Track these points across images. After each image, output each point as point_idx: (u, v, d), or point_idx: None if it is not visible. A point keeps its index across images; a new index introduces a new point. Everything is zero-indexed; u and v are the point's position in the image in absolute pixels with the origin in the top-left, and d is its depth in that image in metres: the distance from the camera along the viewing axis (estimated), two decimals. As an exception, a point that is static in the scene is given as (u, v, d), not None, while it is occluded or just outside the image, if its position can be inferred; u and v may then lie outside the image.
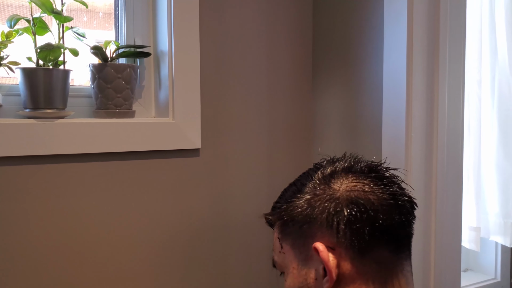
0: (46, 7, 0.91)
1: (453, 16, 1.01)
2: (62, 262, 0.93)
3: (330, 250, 0.63)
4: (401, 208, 0.65)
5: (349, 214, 0.62)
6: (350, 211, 0.62)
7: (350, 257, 0.62)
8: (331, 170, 0.68)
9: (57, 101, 0.92)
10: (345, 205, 0.63)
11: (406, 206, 0.66)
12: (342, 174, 0.67)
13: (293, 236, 0.68)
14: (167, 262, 1.05)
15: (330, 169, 0.68)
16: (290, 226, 0.68)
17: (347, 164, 0.69)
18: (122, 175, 0.98)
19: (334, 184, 0.66)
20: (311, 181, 0.68)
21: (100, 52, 0.99)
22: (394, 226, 0.63)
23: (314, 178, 0.68)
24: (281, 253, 0.70)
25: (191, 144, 1.04)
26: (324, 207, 0.64)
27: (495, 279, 1.56)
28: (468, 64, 1.36)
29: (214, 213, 1.10)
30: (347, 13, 1.13)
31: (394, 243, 0.64)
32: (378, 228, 0.62)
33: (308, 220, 0.65)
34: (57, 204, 0.92)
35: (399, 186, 0.68)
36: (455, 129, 1.03)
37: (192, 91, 1.04)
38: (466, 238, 1.40)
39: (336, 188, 0.65)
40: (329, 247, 0.63)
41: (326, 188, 0.66)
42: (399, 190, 0.66)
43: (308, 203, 0.66)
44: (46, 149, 0.89)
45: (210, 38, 1.07)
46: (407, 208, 0.66)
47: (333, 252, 0.63)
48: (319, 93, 1.21)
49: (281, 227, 0.70)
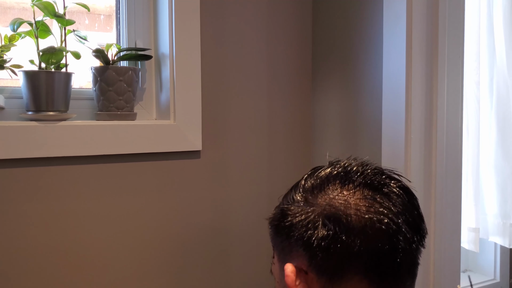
0: (48, 11, 0.91)
1: (452, 19, 1.01)
2: (66, 265, 0.94)
3: (302, 273, 0.55)
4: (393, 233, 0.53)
5: (323, 233, 0.53)
6: (325, 230, 0.53)
7: (321, 285, 0.53)
8: (323, 178, 0.59)
9: (59, 103, 0.93)
10: (322, 223, 0.54)
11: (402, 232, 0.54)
12: (334, 184, 0.57)
13: (279, 248, 0.61)
14: (168, 264, 1.05)
15: (323, 176, 0.59)
16: (276, 236, 0.61)
17: (342, 171, 0.59)
18: (124, 177, 0.99)
19: (320, 196, 0.57)
20: (299, 189, 0.60)
21: (102, 55, 1.00)
22: (377, 254, 0.53)
23: (302, 186, 0.60)
24: (273, 263, 0.64)
25: (192, 146, 1.05)
26: (302, 223, 0.56)
27: (494, 279, 1.57)
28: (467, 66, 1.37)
29: (214, 214, 1.10)
30: (347, 16, 1.14)
31: (377, 275, 0.53)
32: (355, 254, 0.52)
33: (288, 235, 0.57)
34: (59, 206, 0.93)
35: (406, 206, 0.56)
36: (454, 130, 1.04)
37: (193, 94, 1.04)
38: (465, 239, 1.40)
39: (320, 201, 0.56)
40: (302, 269, 0.55)
41: (310, 199, 0.57)
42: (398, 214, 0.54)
43: (291, 215, 0.58)
44: (48, 151, 0.90)
45: (210, 40, 1.08)
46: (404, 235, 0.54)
47: (305, 276, 0.55)
48: (319, 95, 1.22)
49: (271, 234, 0.63)
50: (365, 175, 0.57)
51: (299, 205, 0.58)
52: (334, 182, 0.57)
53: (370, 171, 0.58)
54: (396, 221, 0.54)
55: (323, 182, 0.58)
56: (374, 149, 1.06)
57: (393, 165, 1.01)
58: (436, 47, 1.00)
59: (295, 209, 0.58)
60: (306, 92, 1.23)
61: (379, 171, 0.58)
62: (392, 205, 0.55)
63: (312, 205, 0.56)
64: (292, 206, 0.59)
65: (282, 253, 0.59)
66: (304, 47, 1.22)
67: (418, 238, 0.56)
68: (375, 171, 0.58)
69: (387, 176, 0.58)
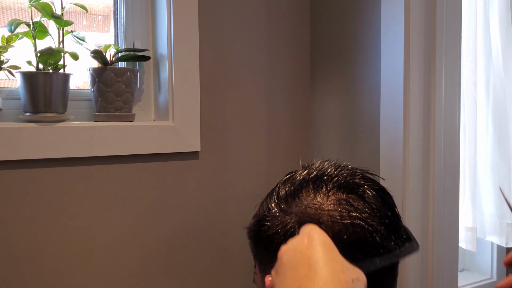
0: (46, 11, 0.91)
1: (449, 20, 1.02)
2: (65, 266, 0.93)
3: None
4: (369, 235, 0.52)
5: None
6: None
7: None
8: (297, 184, 0.57)
9: (57, 104, 0.93)
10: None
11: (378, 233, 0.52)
12: (307, 189, 0.56)
13: (259, 259, 0.59)
14: (165, 265, 1.05)
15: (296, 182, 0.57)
16: (256, 247, 0.59)
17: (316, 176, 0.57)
18: (122, 178, 0.99)
19: (294, 203, 0.55)
20: (273, 198, 0.58)
21: (100, 56, 0.99)
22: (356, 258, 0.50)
23: (276, 193, 0.58)
24: (255, 273, 0.62)
25: (190, 147, 1.05)
26: (279, 233, 0.54)
27: (491, 278, 1.58)
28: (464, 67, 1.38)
29: (213, 215, 1.10)
30: (345, 17, 1.14)
31: None
32: None
33: (267, 246, 0.56)
34: (57, 208, 0.92)
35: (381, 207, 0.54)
36: (452, 131, 1.04)
37: (192, 94, 1.04)
38: (463, 238, 1.41)
39: (295, 209, 0.55)
40: None
41: (285, 208, 0.56)
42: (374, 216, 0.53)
43: (268, 226, 0.56)
44: (46, 152, 0.89)
45: (209, 41, 1.08)
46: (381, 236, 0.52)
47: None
48: (317, 96, 1.22)
49: (251, 245, 0.61)
50: (339, 178, 0.56)
51: (275, 215, 0.56)
52: (307, 188, 0.56)
53: (344, 173, 0.56)
54: (371, 222, 0.53)
55: (297, 189, 0.57)
56: (372, 149, 1.07)
57: (391, 165, 1.01)
58: (434, 48, 1.00)
59: (271, 219, 0.56)
60: (305, 94, 1.23)
61: (353, 173, 0.57)
62: (367, 206, 0.53)
63: (287, 214, 0.55)
64: (268, 216, 0.57)
65: (263, 263, 0.58)
66: (303, 48, 1.22)
67: (396, 237, 0.54)
68: (349, 173, 0.57)
69: (362, 176, 0.57)
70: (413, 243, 0.55)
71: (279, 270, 0.46)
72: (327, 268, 0.43)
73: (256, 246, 0.59)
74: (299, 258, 0.45)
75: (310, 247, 0.45)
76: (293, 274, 0.44)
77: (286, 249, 0.47)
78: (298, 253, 0.45)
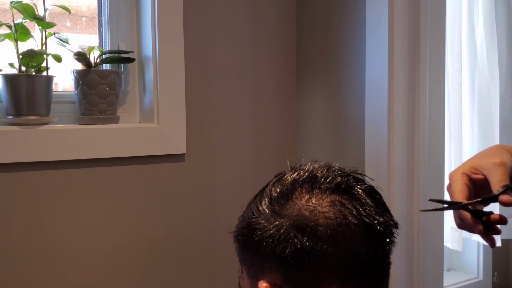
0: (28, 13, 0.90)
1: (433, 22, 1.03)
2: (47, 268, 0.92)
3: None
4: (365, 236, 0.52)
5: (296, 246, 0.51)
6: (298, 243, 0.51)
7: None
8: (289, 186, 0.56)
9: (40, 107, 0.92)
10: (293, 235, 0.51)
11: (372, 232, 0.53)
12: (300, 191, 0.55)
13: (248, 264, 0.58)
14: (151, 269, 1.04)
15: (288, 184, 0.56)
16: (244, 251, 0.58)
17: (308, 177, 0.56)
18: (107, 181, 0.98)
19: (288, 205, 0.54)
20: (264, 200, 0.57)
21: (84, 58, 0.99)
22: (352, 260, 0.51)
23: (268, 195, 0.57)
24: (241, 278, 0.60)
25: (176, 149, 1.04)
26: (272, 237, 0.53)
27: (477, 278, 1.59)
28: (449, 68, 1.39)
29: (199, 217, 1.10)
30: (330, 19, 1.14)
31: (354, 280, 0.52)
32: (330, 263, 0.51)
33: (258, 250, 0.54)
34: (40, 211, 0.91)
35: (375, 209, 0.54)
36: (436, 131, 1.05)
37: (177, 96, 1.04)
38: (449, 238, 1.42)
39: (288, 211, 0.54)
40: (277, 285, 0.52)
41: (278, 210, 0.54)
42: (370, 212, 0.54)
43: (260, 229, 0.54)
44: (29, 156, 0.88)
45: (194, 43, 1.08)
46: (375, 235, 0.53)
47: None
48: (304, 97, 1.22)
49: (238, 249, 0.60)
50: (331, 179, 0.55)
51: (267, 218, 0.55)
52: (301, 190, 0.55)
53: (335, 174, 0.56)
54: (368, 222, 0.53)
55: (290, 191, 0.55)
56: (358, 150, 1.07)
57: (376, 165, 1.02)
58: (418, 50, 1.01)
59: (263, 222, 0.55)
60: (291, 95, 1.23)
61: (344, 173, 0.57)
62: (361, 207, 0.53)
63: (281, 217, 0.54)
64: (259, 219, 0.55)
65: (252, 269, 0.56)
66: (289, 49, 1.23)
67: (390, 235, 0.55)
68: (340, 174, 0.56)
69: (352, 177, 0.57)
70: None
71: None
72: None
73: (245, 250, 0.57)
74: None
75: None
76: None
77: None
78: None
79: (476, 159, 0.65)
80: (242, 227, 0.58)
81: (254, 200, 0.60)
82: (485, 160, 0.63)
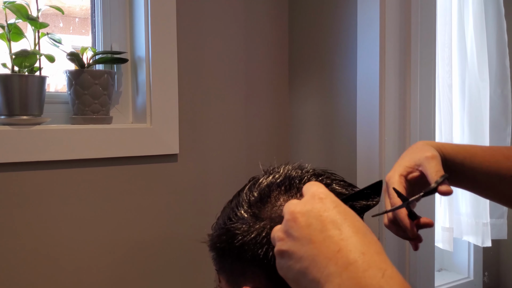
0: (21, 13, 0.90)
1: (424, 23, 1.04)
2: (36, 268, 0.92)
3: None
4: None
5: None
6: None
7: None
8: (266, 189, 0.55)
9: (33, 107, 0.92)
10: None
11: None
12: (278, 193, 0.54)
13: (227, 272, 0.57)
14: (145, 269, 1.04)
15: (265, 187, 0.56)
16: (223, 259, 0.57)
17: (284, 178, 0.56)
18: (100, 181, 0.98)
19: (267, 208, 0.54)
20: (242, 204, 0.56)
21: (77, 58, 0.99)
22: None
23: (245, 199, 0.56)
24: (219, 287, 0.59)
25: (169, 150, 1.05)
26: (254, 241, 0.52)
27: (468, 278, 1.60)
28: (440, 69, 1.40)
29: (191, 219, 1.10)
30: (322, 20, 1.15)
31: None
32: None
33: (239, 256, 0.53)
34: (33, 211, 0.91)
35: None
36: (427, 132, 1.06)
37: (170, 97, 1.04)
38: (440, 238, 1.43)
39: (268, 214, 0.53)
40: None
41: (257, 213, 0.54)
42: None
43: (240, 234, 0.54)
44: (22, 156, 0.88)
45: (187, 43, 1.08)
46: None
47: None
48: (296, 97, 1.23)
49: (215, 257, 0.59)
50: (306, 179, 0.55)
51: (247, 222, 0.54)
52: (278, 192, 0.55)
53: (309, 175, 0.56)
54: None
55: (267, 193, 0.55)
56: (350, 150, 1.08)
57: (368, 165, 1.03)
58: (409, 51, 1.02)
59: (243, 227, 0.54)
60: (284, 95, 1.24)
61: (318, 173, 0.57)
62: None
63: (261, 220, 0.53)
64: (238, 224, 0.54)
65: (232, 276, 0.55)
66: (281, 50, 1.23)
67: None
68: (315, 174, 0.57)
69: (326, 176, 0.57)
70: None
71: (296, 233, 0.44)
72: (352, 227, 0.43)
73: (224, 257, 0.56)
74: (321, 221, 0.43)
75: (328, 209, 0.44)
76: (323, 238, 0.42)
77: (300, 210, 0.45)
78: (318, 216, 0.44)
79: (407, 158, 0.65)
80: (220, 234, 0.57)
81: (229, 206, 0.59)
82: (417, 156, 0.63)
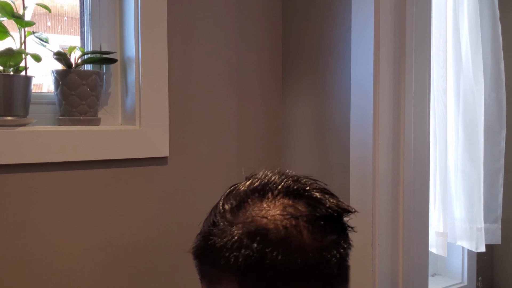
0: (6, 11, 0.88)
1: (419, 26, 1.03)
2: (23, 273, 0.90)
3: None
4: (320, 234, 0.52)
5: (248, 252, 0.50)
6: (249, 249, 0.50)
7: None
8: (242, 195, 0.56)
9: (18, 108, 0.89)
10: (245, 242, 0.51)
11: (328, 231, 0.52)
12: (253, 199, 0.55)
13: (206, 279, 0.57)
14: (131, 272, 1.02)
15: (241, 193, 0.56)
16: (202, 266, 0.58)
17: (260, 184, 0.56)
18: (87, 184, 0.96)
19: (241, 213, 0.54)
20: (219, 211, 0.57)
21: (64, 58, 0.96)
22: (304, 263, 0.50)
23: (222, 206, 0.57)
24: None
25: (158, 152, 1.03)
26: (226, 246, 0.52)
27: (462, 283, 1.60)
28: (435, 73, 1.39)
29: (181, 222, 1.08)
30: (316, 21, 1.14)
31: (309, 284, 0.51)
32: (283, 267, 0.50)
33: (214, 262, 0.54)
34: (19, 214, 0.89)
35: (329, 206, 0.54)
36: (421, 136, 1.05)
37: (160, 98, 1.02)
38: (434, 243, 1.42)
39: (241, 219, 0.53)
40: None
41: (231, 219, 0.54)
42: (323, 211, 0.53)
43: (214, 240, 0.54)
44: (6, 158, 0.86)
45: (178, 44, 1.06)
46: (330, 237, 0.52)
47: None
48: (289, 100, 1.22)
49: (197, 265, 0.59)
50: (284, 185, 0.55)
51: (221, 228, 0.54)
52: (253, 197, 0.55)
53: (288, 180, 0.56)
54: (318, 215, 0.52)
55: (242, 199, 0.55)
56: (343, 153, 1.06)
57: (361, 169, 1.01)
58: (404, 54, 1.01)
59: (217, 233, 0.54)
60: (277, 97, 1.22)
61: (298, 179, 0.57)
62: (313, 208, 0.53)
63: (234, 225, 0.53)
64: (214, 230, 0.55)
65: (211, 283, 0.55)
66: (274, 51, 1.22)
67: (344, 239, 0.55)
68: (294, 179, 0.56)
69: (306, 181, 0.57)
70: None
71: None
72: None
73: (203, 264, 0.57)
74: None
75: None
76: None
77: None
78: None
79: None
80: (199, 240, 0.58)
81: (210, 214, 0.60)
82: None
